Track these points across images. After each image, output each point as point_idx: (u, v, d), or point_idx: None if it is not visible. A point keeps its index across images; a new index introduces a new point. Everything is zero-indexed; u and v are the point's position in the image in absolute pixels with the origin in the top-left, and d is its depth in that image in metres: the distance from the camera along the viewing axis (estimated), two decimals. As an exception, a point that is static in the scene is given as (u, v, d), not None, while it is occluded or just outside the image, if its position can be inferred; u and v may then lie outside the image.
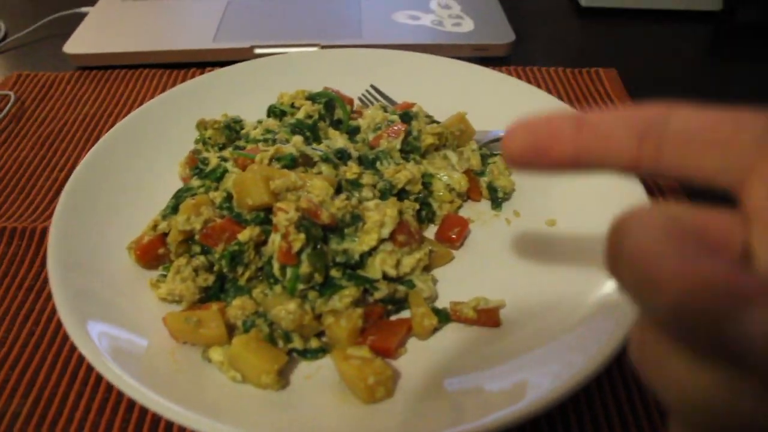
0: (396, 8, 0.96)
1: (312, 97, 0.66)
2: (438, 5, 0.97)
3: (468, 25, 0.92)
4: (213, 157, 0.59)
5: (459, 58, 0.77)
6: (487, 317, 0.51)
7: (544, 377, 0.44)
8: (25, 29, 1.00)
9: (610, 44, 0.97)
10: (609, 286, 0.50)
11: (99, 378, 0.52)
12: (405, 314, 0.52)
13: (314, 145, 0.58)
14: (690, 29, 1.01)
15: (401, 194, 0.58)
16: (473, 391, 0.45)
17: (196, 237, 0.53)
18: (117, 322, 0.49)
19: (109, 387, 0.51)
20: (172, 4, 1.00)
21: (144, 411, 0.50)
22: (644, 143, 0.26)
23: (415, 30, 0.91)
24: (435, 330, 0.51)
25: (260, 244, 0.52)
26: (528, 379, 0.45)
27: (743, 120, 0.25)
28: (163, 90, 0.85)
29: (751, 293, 0.19)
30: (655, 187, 0.68)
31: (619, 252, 0.23)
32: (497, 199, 0.62)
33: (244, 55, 0.87)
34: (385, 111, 0.65)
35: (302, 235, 0.48)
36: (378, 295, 0.50)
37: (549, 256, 0.56)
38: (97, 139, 0.77)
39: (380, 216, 0.51)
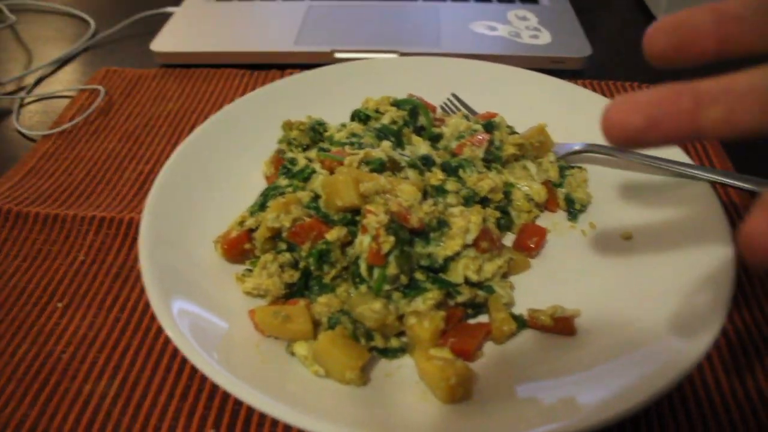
0: (474, 18, 0.97)
1: (397, 104, 0.67)
2: (515, 17, 0.97)
3: (545, 37, 0.92)
4: (301, 158, 0.61)
5: (535, 69, 0.77)
6: (563, 325, 0.51)
7: (614, 392, 0.44)
8: (113, 27, 1.04)
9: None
10: (681, 305, 0.50)
11: (182, 366, 0.54)
12: (482, 318, 0.53)
13: (400, 151, 0.60)
14: None
15: (483, 202, 0.59)
16: (546, 398, 0.46)
17: (284, 234, 0.54)
18: (203, 308, 0.51)
19: (191, 375, 0.53)
20: (254, 7, 1.03)
21: (225, 400, 0.51)
22: None
23: (493, 41, 0.91)
24: (512, 335, 0.51)
25: (346, 244, 0.54)
26: (598, 393, 0.45)
27: None
28: (245, 89, 0.88)
29: None
30: (730, 206, 0.67)
31: None
32: (574, 210, 0.63)
33: (325, 59, 0.89)
34: (468, 120, 0.66)
35: (392, 238, 0.49)
36: (460, 298, 0.51)
37: (623, 269, 0.56)
38: (180, 134, 0.80)
39: (465, 222, 0.52)
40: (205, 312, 0.51)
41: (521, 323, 0.52)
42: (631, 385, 0.45)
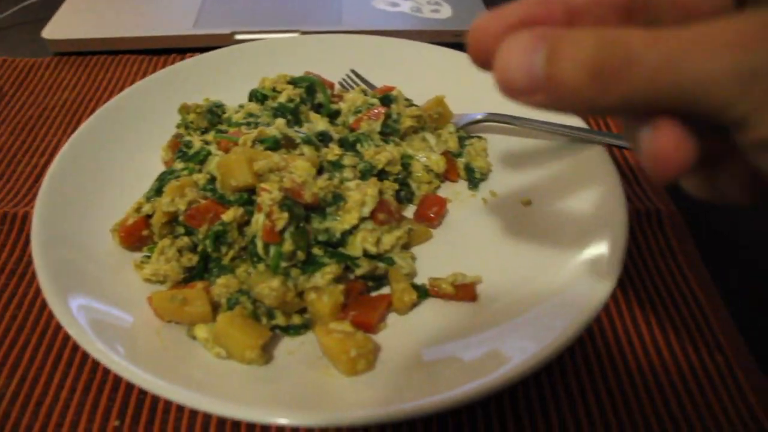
0: (376, -5, 0.97)
1: (293, 82, 0.66)
2: (417, -9, 0.98)
3: (446, 11, 0.93)
4: (196, 141, 0.60)
5: (437, 43, 0.78)
6: (464, 292, 0.52)
7: (517, 347, 0.46)
8: (1, 14, 0.99)
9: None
10: (579, 263, 0.52)
11: (83, 359, 0.53)
12: (385, 291, 0.54)
13: (296, 128, 0.59)
14: None
15: (381, 175, 0.59)
16: (450, 360, 0.47)
17: (180, 218, 0.54)
18: (101, 300, 0.50)
19: (93, 368, 0.52)
20: (151, -9, 1.00)
21: (129, 390, 0.50)
22: (631, 17, 0.30)
23: (395, 16, 0.92)
24: (414, 305, 0.52)
25: (243, 224, 0.53)
26: (502, 349, 0.46)
27: None
28: (144, 76, 0.85)
29: None
30: (626, 168, 0.70)
31: None
32: (474, 179, 0.63)
33: (225, 41, 0.88)
34: (366, 95, 0.66)
35: (285, 214, 0.49)
36: (359, 271, 0.52)
37: (523, 234, 0.58)
38: (77, 125, 0.78)
39: (361, 195, 0.52)
40: (103, 303, 0.50)
41: (423, 293, 0.53)
42: (530, 342, 0.46)
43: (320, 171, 0.56)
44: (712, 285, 0.57)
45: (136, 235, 0.56)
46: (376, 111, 0.62)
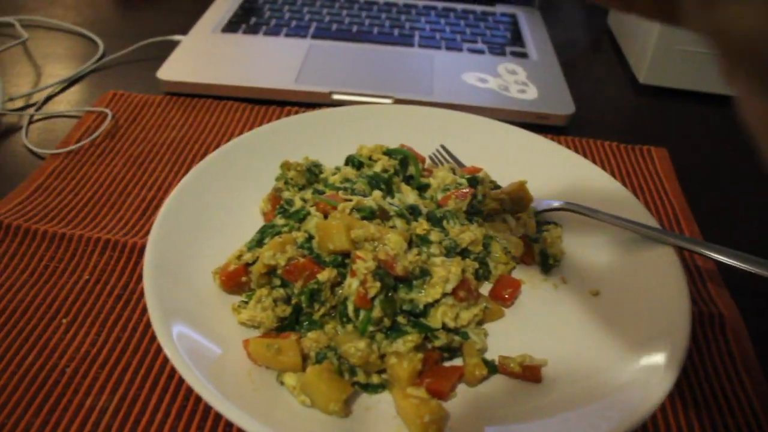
0: (466, 69, 1.03)
1: (389, 153, 0.72)
2: (505, 70, 1.03)
3: (532, 92, 0.98)
4: (297, 200, 0.66)
5: (520, 123, 0.83)
6: (531, 373, 0.56)
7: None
8: (121, 50, 1.08)
9: (664, 123, 1.03)
10: (640, 361, 0.55)
11: (177, 387, 0.58)
12: (457, 362, 0.58)
13: (389, 199, 0.65)
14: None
15: (463, 253, 0.64)
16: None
17: (279, 271, 0.59)
18: (200, 333, 0.56)
19: (186, 396, 0.57)
20: (258, 41, 1.08)
21: (216, 422, 0.56)
22: None
23: (483, 92, 0.97)
24: (484, 379, 0.56)
25: (335, 284, 0.58)
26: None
27: None
28: (245, 123, 0.93)
29: None
30: (694, 269, 0.73)
31: None
32: (548, 265, 0.68)
33: (323, 99, 0.95)
34: (454, 173, 0.71)
35: (378, 284, 0.54)
36: (437, 342, 0.56)
37: (589, 324, 0.62)
38: (183, 163, 0.85)
39: (446, 272, 0.57)
40: (202, 337, 0.56)
41: (492, 368, 0.57)
42: None
43: (410, 244, 0.61)
44: (767, 392, 0.60)
45: (235, 281, 0.61)
46: (464, 191, 0.67)
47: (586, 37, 1.29)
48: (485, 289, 0.66)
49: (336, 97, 0.95)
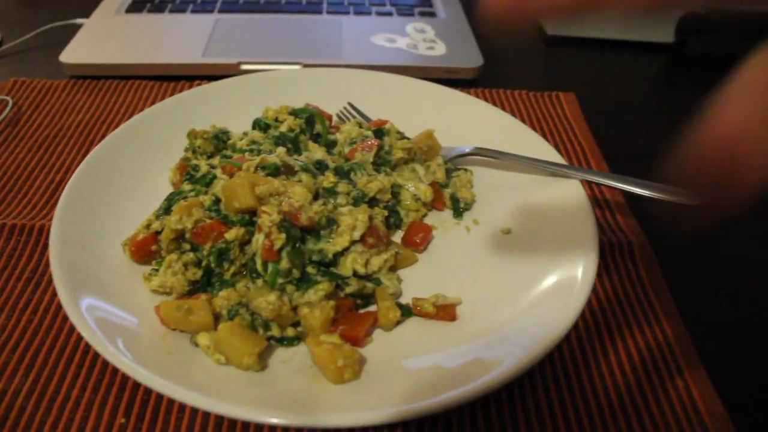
0: (375, 31, 1.03)
1: (294, 113, 0.72)
2: (414, 29, 1.04)
3: (440, 48, 0.99)
4: (203, 165, 0.65)
5: (431, 79, 0.84)
6: (445, 312, 0.57)
7: (493, 361, 0.51)
8: (22, 37, 1.05)
9: (572, 70, 1.05)
10: (552, 285, 0.57)
11: (93, 361, 0.57)
12: (372, 309, 0.59)
13: (295, 156, 0.65)
14: (645, 59, 1.09)
15: (372, 202, 0.65)
16: (430, 370, 0.52)
17: (187, 235, 0.59)
18: (112, 305, 0.55)
19: (102, 370, 0.56)
20: (164, 19, 1.06)
21: (135, 391, 0.55)
22: None
23: (392, 52, 0.97)
24: (398, 323, 0.57)
25: (244, 243, 0.58)
26: (478, 362, 0.51)
27: None
28: (154, 101, 0.91)
29: None
30: (603, 202, 0.75)
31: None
32: (459, 209, 0.69)
33: (231, 70, 0.94)
34: (361, 127, 0.72)
35: (283, 235, 0.54)
36: (348, 290, 0.57)
37: (502, 260, 0.63)
38: (91, 145, 0.83)
39: (352, 220, 0.58)
40: (113, 308, 0.55)
41: (406, 311, 0.57)
42: (500, 356, 0.51)
43: (316, 197, 0.61)
44: (676, 311, 0.62)
45: (145, 250, 0.60)
46: (369, 143, 0.67)
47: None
48: (399, 237, 0.66)
49: (244, 67, 0.94)
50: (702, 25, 1.09)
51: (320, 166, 0.65)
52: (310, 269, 0.57)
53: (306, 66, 0.93)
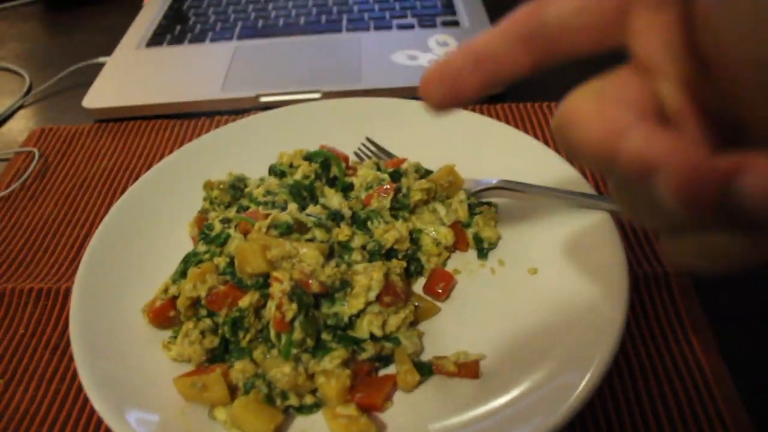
0: (395, 48, 1.00)
1: (309, 157, 0.70)
2: (436, 43, 1.01)
3: (463, 63, 0.95)
4: (216, 223, 0.64)
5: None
6: (467, 370, 0.55)
7: (518, 425, 0.49)
8: (48, 81, 1.06)
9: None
10: (579, 334, 0.54)
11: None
12: (392, 368, 0.57)
13: (309, 210, 0.63)
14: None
15: (390, 252, 0.63)
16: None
17: (203, 302, 0.58)
18: (133, 387, 0.54)
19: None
20: (184, 52, 1.06)
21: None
22: (532, 48, 0.29)
23: (413, 71, 0.95)
24: (419, 383, 0.55)
25: (260, 307, 0.57)
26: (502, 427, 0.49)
27: None
28: (175, 140, 0.90)
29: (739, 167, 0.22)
30: (631, 231, 0.71)
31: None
32: (483, 249, 0.66)
33: (250, 103, 0.93)
34: (378, 168, 0.69)
35: (294, 305, 0.53)
36: (364, 355, 0.55)
37: (528, 306, 0.60)
38: (115, 194, 0.83)
39: (367, 280, 0.56)
40: (133, 384, 0.55)
41: (427, 371, 0.55)
42: (528, 421, 0.49)
43: (331, 252, 0.60)
44: (716, 350, 0.59)
45: (164, 316, 0.60)
46: (386, 187, 0.65)
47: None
48: (421, 284, 0.64)
49: (263, 99, 0.93)
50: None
51: (335, 218, 0.63)
52: (324, 335, 0.55)
53: (325, 94, 0.91)
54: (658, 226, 0.27)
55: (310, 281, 0.54)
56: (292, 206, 0.62)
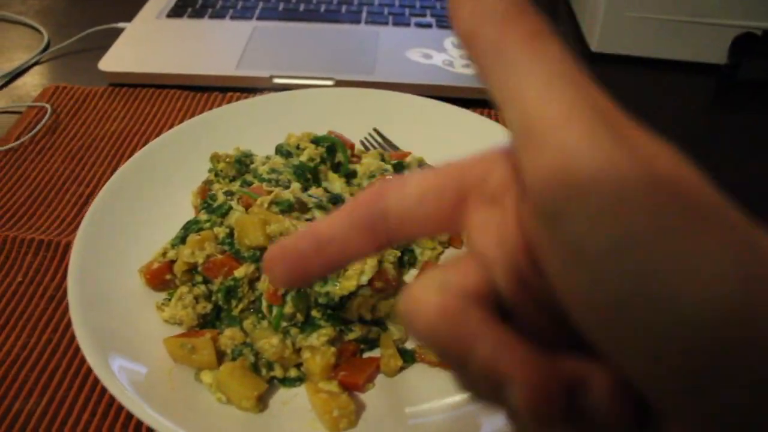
0: (411, 45, 1.02)
1: (316, 141, 0.72)
2: (452, 44, 1.02)
3: (476, 67, 0.97)
4: (220, 194, 0.65)
5: (464, 99, 0.82)
6: (449, 360, 0.56)
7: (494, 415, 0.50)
8: (66, 41, 1.07)
9: (616, 90, 1.02)
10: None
11: (104, 387, 0.59)
12: (376, 353, 0.59)
13: (312, 191, 0.65)
14: (693, 81, 1.05)
15: (386, 241, 0.64)
16: (430, 420, 0.53)
17: (199, 268, 0.59)
18: (124, 342, 0.56)
19: (113, 396, 0.58)
20: (203, 25, 1.07)
21: (140, 424, 0.56)
22: (375, 235, 0.30)
23: (426, 69, 0.96)
24: (402, 369, 0.57)
25: (255, 279, 0.59)
26: (477, 418, 0.51)
27: (442, 183, 0.29)
28: (186, 111, 0.92)
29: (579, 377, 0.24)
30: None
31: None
32: (476, 247, 0.68)
33: (264, 83, 0.94)
34: (383, 159, 0.71)
35: (288, 280, 0.54)
36: (351, 335, 0.57)
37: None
38: (122, 156, 0.84)
39: (361, 264, 0.57)
40: (124, 339, 0.56)
41: (410, 358, 0.57)
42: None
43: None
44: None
45: (160, 279, 0.62)
46: (388, 178, 0.67)
47: (541, 5, 1.28)
48: (413, 275, 0.66)
49: (277, 81, 0.94)
50: (757, 47, 1.04)
51: (336, 202, 0.65)
52: (314, 312, 0.57)
53: (338, 82, 0.93)
54: (504, 415, 0.28)
55: (306, 258, 0.56)
56: (296, 186, 0.64)
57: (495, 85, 0.24)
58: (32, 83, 1.01)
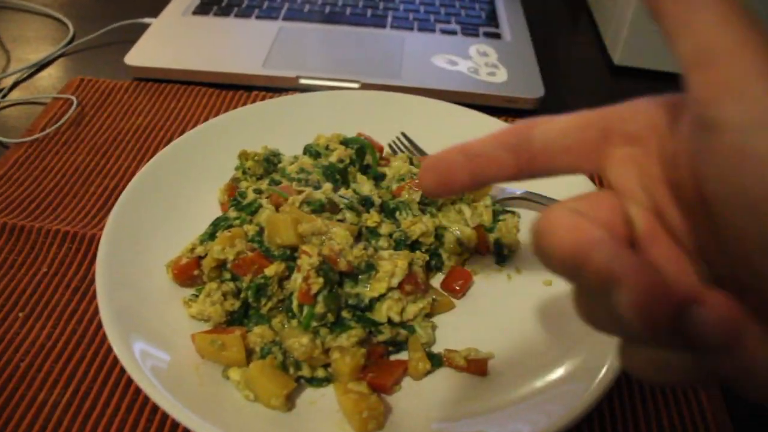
0: (437, 51, 1.02)
1: (346, 142, 0.72)
2: (477, 52, 1.03)
3: (502, 75, 0.97)
4: (250, 192, 0.66)
5: (488, 107, 0.83)
6: (476, 367, 0.57)
7: (517, 427, 0.50)
8: (91, 34, 1.08)
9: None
10: (587, 351, 0.56)
11: (129, 380, 0.59)
12: (404, 355, 0.59)
13: (342, 192, 0.65)
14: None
15: (414, 245, 0.64)
16: (455, 427, 0.52)
17: (228, 265, 0.59)
18: (151, 335, 0.56)
19: (137, 390, 0.58)
20: (229, 24, 1.07)
21: (165, 416, 0.56)
22: (519, 157, 0.33)
23: (451, 76, 0.96)
24: (428, 373, 0.57)
25: (284, 278, 0.59)
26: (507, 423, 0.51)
27: (587, 121, 0.33)
28: (212, 109, 0.92)
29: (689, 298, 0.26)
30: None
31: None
32: (502, 255, 0.68)
33: (289, 83, 0.94)
34: (411, 163, 0.71)
35: (321, 279, 0.54)
36: (380, 338, 0.57)
37: (540, 314, 0.62)
38: (147, 151, 0.85)
39: (392, 266, 0.58)
40: (152, 333, 0.56)
41: (437, 362, 0.57)
42: (528, 426, 0.50)
43: (359, 236, 0.62)
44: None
45: (187, 274, 0.62)
46: (417, 182, 0.67)
47: (564, 16, 1.28)
48: (438, 279, 0.66)
49: (303, 81, 0.94)
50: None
51: (365, 203, 0.65)
52: (345, 313, 0.57)
53: (364, 85, 0.93)
54: (615, 334, 0.31)
55: (338, 259, 0.56)
56: (327, 186, 0.64)
57: (669, 18, 0.27)
58: (57, 75, 1.01)
